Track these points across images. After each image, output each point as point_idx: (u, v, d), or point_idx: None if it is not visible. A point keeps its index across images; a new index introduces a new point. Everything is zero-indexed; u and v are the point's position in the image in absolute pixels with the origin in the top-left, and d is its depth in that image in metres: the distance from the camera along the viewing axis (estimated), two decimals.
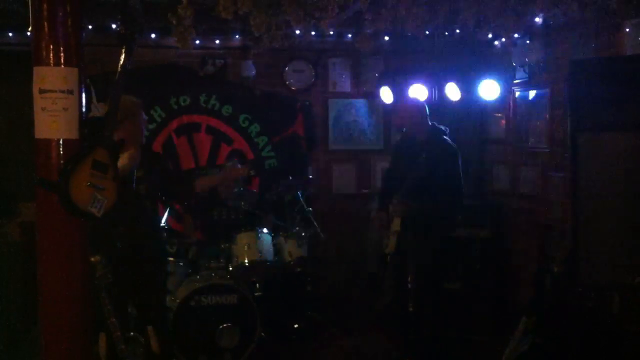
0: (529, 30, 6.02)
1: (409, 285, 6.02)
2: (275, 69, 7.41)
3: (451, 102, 6.95)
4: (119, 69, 3.47)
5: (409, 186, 5.51)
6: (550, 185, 6.13)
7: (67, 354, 3.38)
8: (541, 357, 4.66)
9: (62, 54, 3.26)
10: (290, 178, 6.43)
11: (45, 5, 3.25)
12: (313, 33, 6.45)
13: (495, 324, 6.43)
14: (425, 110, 5.73)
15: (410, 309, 6.03)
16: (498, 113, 7.17)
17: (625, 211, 4.24)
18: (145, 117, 4.84)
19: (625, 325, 4.02)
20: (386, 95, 7.27)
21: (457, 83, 6.85)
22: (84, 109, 3.36)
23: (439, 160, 5.47)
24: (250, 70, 7.13)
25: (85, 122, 3.34)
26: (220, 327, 5.57)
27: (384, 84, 7.31)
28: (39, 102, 3.27)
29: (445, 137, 5.67)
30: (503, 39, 6.43)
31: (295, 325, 6.32)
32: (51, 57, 3.25)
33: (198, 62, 7.12)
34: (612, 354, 4.11)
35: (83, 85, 3.35)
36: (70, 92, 3.27)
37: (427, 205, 5.44)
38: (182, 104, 7.07)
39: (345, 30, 6.67)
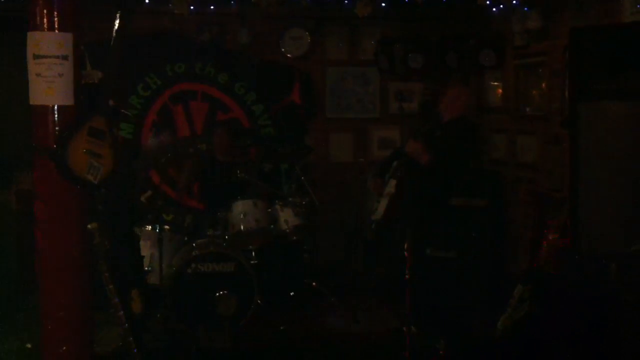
0: None
1: (405, 253, 6.00)
2: (272, 36, 7.33)
3: (449, 69, 6.90)
4: (114, 34, 3.43)
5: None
6: (548, 153, 6.12)
7: (66, 321, 3.39)
8: (537, 324, 4.68)
9: (56, 19, 3.22)
10: (287, 146, 6.40)
11: None
12: None
13: (492, 292, 6.45)
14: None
15: (406, 277, 6.03)
16: (496, 81, 7.13)
17: (623, 180, 4.23)
18: None
19: (622, 294, 4.03)
20: (383, 63, 7.21)
21: (455, 51, 6.80)
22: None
23: (452, 140, 5.38)
24: (246, 37, 7.05)
25: (81, 88, 3.31)
26: (218, 294, 5.58)
27: (382, 52, 7.26)
28: (33, 67, 3.23)
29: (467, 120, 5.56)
30: (501, 6, 6.37)
31: (292, 293, 6.33)
32: (45, 22, 3.21)
33: (194, 29, 7.04)
34: (609, 323, 4.13)
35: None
36: (65, 57, 3.23)
37: (439, 155, 5.33)
38: (178, 70, 7.01)
39: None
